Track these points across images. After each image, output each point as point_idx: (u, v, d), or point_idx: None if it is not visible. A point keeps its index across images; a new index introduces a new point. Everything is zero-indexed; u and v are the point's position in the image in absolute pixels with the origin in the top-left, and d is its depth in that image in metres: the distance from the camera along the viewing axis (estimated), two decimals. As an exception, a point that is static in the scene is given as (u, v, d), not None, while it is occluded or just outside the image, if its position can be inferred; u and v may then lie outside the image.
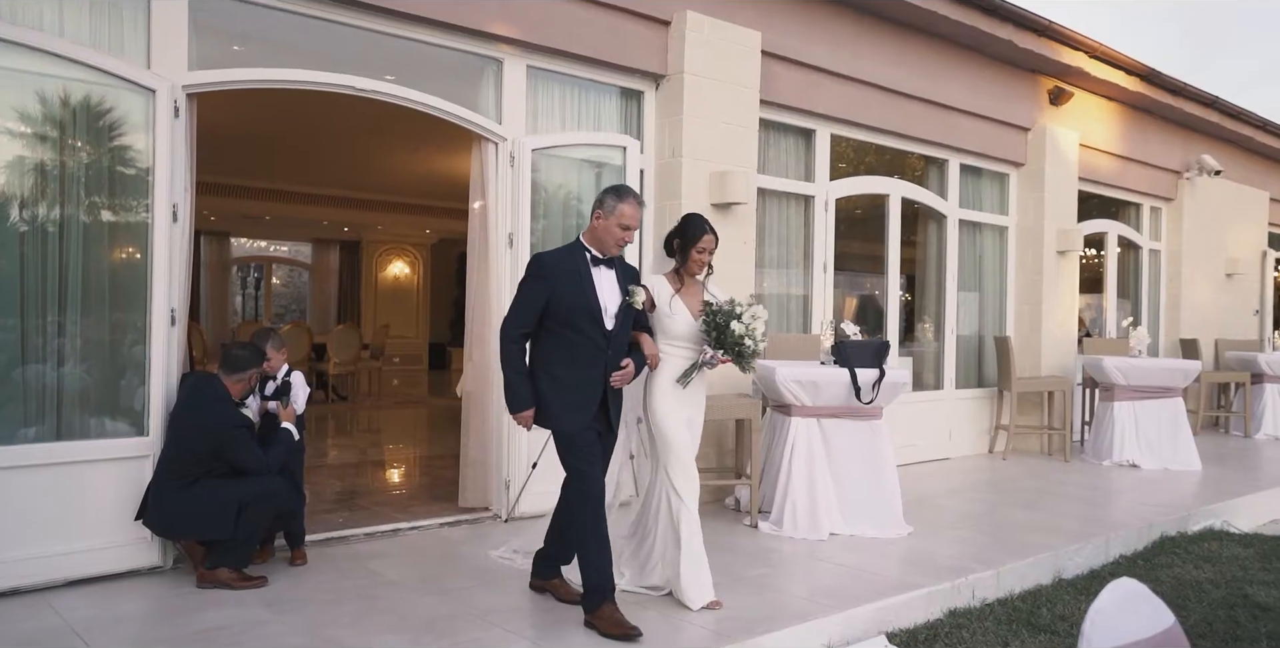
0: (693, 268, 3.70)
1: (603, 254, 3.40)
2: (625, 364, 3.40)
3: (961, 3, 6.80)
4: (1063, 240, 8.21)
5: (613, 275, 3.41)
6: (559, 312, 3.28)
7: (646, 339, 3.58)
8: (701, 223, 3.69)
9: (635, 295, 3.40)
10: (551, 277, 3.30)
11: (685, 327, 3.63)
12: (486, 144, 4.96)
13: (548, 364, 3.34)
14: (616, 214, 3.35)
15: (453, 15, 4.69)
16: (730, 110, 5.66)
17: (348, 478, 6.29)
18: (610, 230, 3.36)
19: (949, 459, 7.56)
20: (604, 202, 3.38)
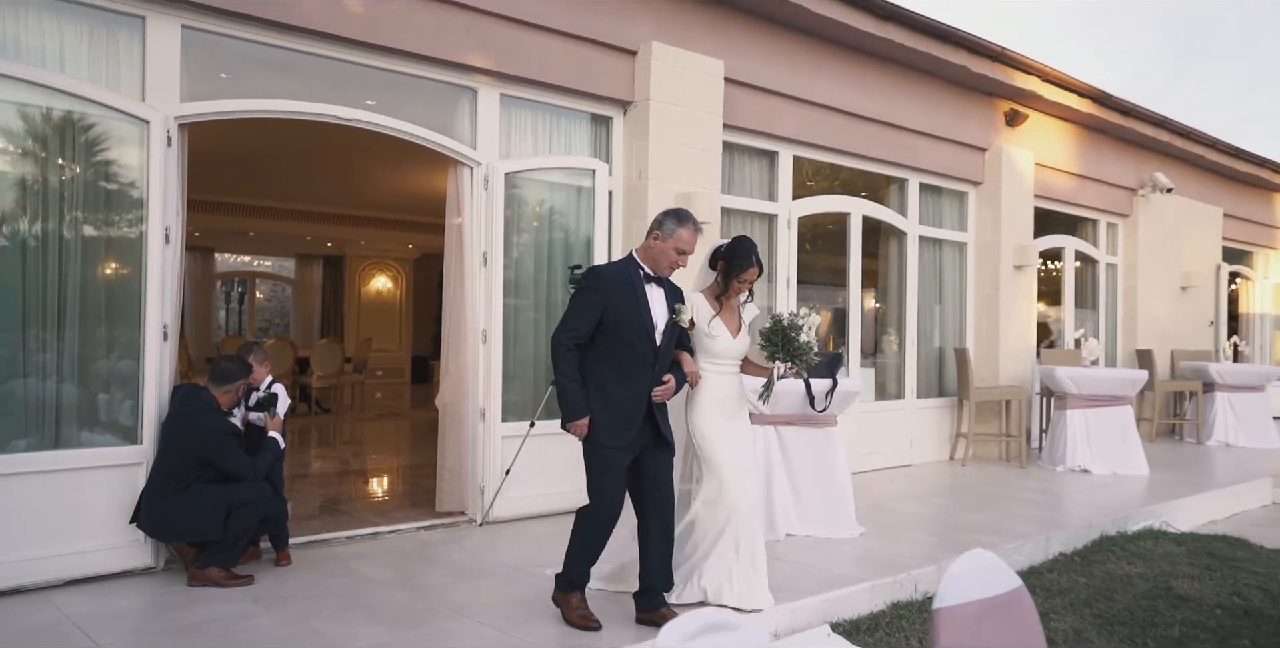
0: (732, 294, 3.73)
1: (655, 273, 3.47)
2: (667, 379, 3.44)
3: (917, 31, 7.18)
4: (1019, 256, 8.58)
5: (661, 294, 3.48)
6: (613, 325, 3.34)
7: (687, 357, 3.62)
8: (748, 253, 3.67)
9: (682, 314, 3.47)
10: (608, 289, 3.36)
11: (725, 345, 3.69)
12: (462, 168, 5.26)
13: (596, 378, 3.37)
14: (675, 238, 3.41)
15: (430, 48, 5.00)
16: (694, 134, 5.99)
17: (330, 486, 6.54)
18: (666, 253, 3.43)
19: (910, 466, 7.88)
20: (664, 224, 3.44)
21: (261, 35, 4.54)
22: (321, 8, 4.61)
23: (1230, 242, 12.58)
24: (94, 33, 4.09)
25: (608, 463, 3.39)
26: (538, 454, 5.30)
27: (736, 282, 3.68)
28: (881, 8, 6.78)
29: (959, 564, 1.80)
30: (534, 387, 5.50)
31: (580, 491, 5.67)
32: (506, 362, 5.34)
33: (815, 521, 5.16)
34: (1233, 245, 12.76)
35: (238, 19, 4.42)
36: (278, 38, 4.60)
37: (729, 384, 3.73)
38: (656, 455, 3.50)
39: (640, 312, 3.35)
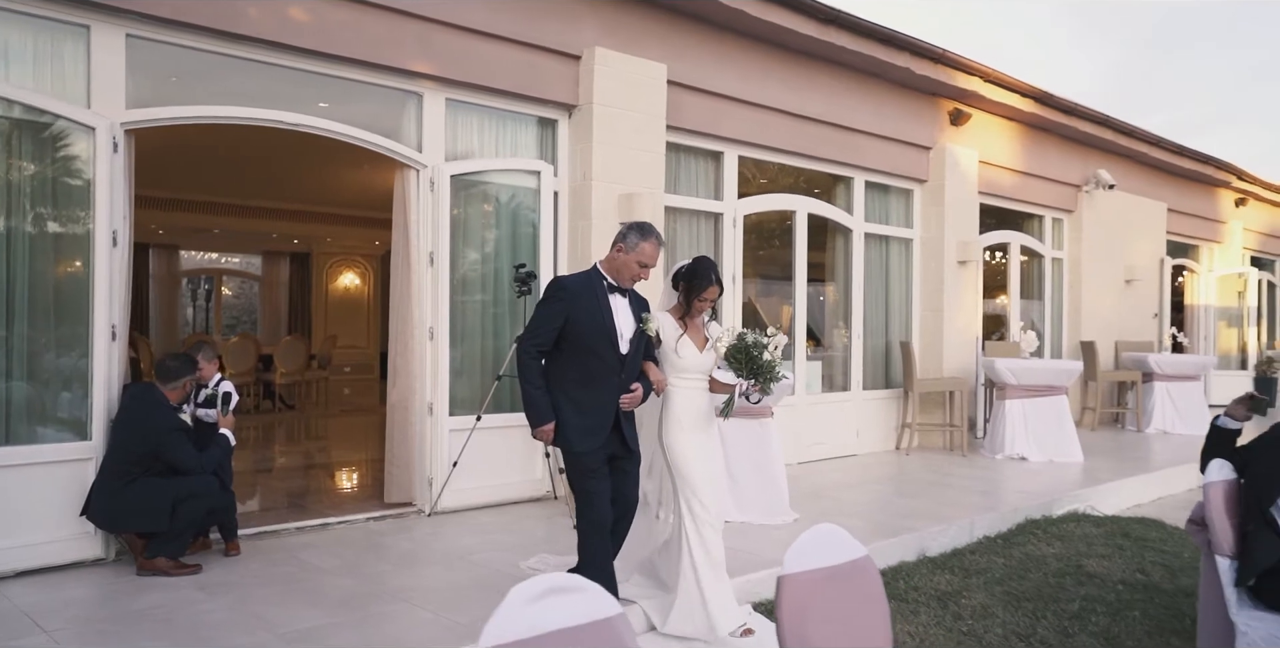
0: (695, 313, 3.80)
1: (617, 283, 3.55)
2: (635, 388, 3.53)
3: (860, 34, 7.40)
4: (963, 251, 8.86)
5: (626, 303, 3.56)
6: (577, 334, 3.40)
7: (652, 367, 3.71)
8: (707, 273, 3.73)
9: (649, 323, 3.55)
10: (572, 299, 3.42)
11: (693, 360, 3.75)
12: (408, 171, 5.42)
13: (563, 385, 3.44)
14: (637, 251, 3.48)
15: (375, 55, 5.16)
16: (638, 137, 6.18)
17: (285, 480, 6.71)
18: (629, 265, 3.50)
19: (856, 456, 8.14)
20: (627, 237, 3.50)
21: (208, 43, 4.68)
22: (268, 17, 4.75)
23: (1176, 236, 12.97)
24: (39, 41, 4.21)
25: (584, 465, 3.46)
26: (484, 447, 5.50)
27: (698, 301, 3.73)
28: (823, 12, 6.99)
29: (805, 536, 2.01)
30: (481, 382, 5.68)
31: (527, 481, 5.91)
32: (454, 358, 5.52)
33: (751, 508, 5.39)
34: (1178, 239, 13.14)
35: (183, 28, 4.55)
36: (224, 46, 4.73)
37: (699, 399, 3.80)
38: (622, 466, 3.59)
39: (604, 320, 3.42)
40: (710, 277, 3.73)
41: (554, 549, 4.64)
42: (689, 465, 3.72)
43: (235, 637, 3.36)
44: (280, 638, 3.37)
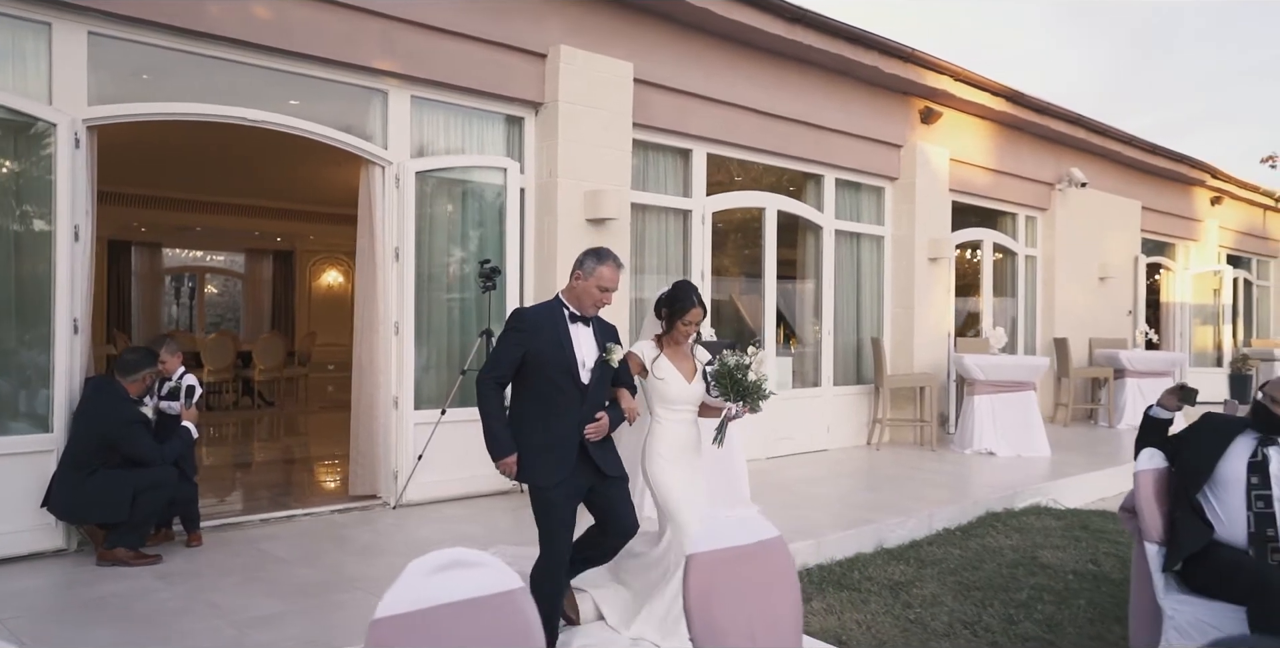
0: (678, 337, 3.72)
1: (580, 312, 3.46)
2: (600, 417, 3.41)
3: (827, 33, 7.49)
4: (934, 248, 8.95)
5: (590, 333, 3.47)
6: (536, 365, 3.34)
7: (625, 394, 3.59)
8: (689, 295, 3.68)
9: (613, 353, 3.45)
10: (531, 330, 3.36)
11: (679, 391, 3.69)
12: (373, 167, 5.48)
13: (525, 417, 3.39)
14: (596, 276, 3.40)
15: (338, 53, 5.21)
16: (604, 134, 6.25)
17: (255, 474, 6.78)
18: (589, 291, 3.42)
19: (826, 451, 8.23)
20: (584, 263, 3.43)
21: (170, 41, 4.73)
22: (229, 15, 4.80)
23: (1152, 234, 13.10)
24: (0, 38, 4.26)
25: (549, 503, 3.34)
26: (450, 441, 5.55)
27: (681, 324, 3.67)
28: (789, 11, 7.07)
29: (710, 519, 2.09)
30: (446, 376, 5.74)
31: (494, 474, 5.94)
32: (419, 353, 5.58)
33: (711, 501, 5.45)
34: (1154, 238, 13.27)
35: (145, 26, 4.60)
36: (187, 43, 4.78)
37: (685, 432, 3.74)
38: (607, 490, 3.49)
39: (563, 351, 3.35)
40: (692, 299, 3.67)
41: (515, 541, 4.70)
42: (677, 504, 3.68)
43: (188, 623, 3.42)
44: (233, 625, 3.43)
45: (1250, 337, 15.36)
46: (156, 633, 3.32)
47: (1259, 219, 15.52)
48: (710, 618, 1.98)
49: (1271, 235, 15.94)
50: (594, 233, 6.17)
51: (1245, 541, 3.19)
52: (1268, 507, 3.17)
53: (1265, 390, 3.31)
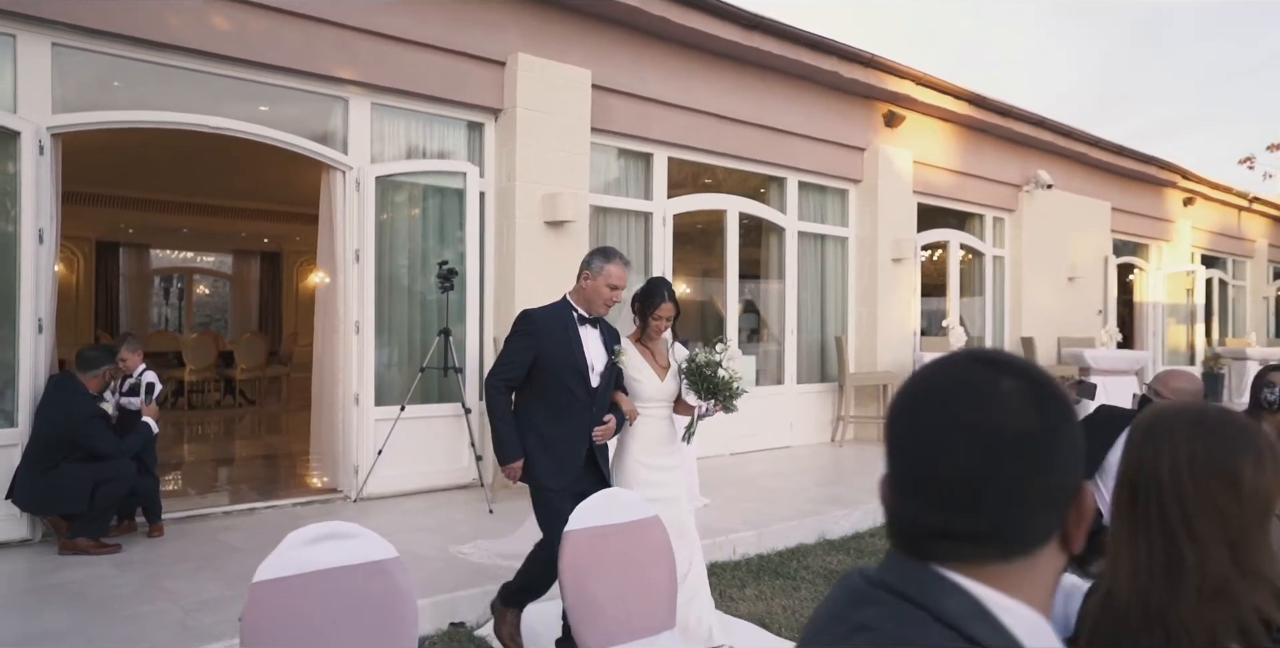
0: (652, 333, 3.66)
1: (589, 314, 3.43)
2: (607, 419, 3.41)
3: (785, 39, 7.68)
4: (897, 249, 9.15)
5: (597, 335, 3.45)
6: (546, 368, 3.32)
7: (623, 397, 3.58)
8: (660, 290, 3.62)
9: (620, 354, 3.44)
10: (540, 333, 3.34)
11: (653, 388, 3.64)
12: (334, 172, 5.68)
13: (533, 419, 3.35)
14: (604, 274, 3.38)
15: (298, 62, 5.40)
16: (561, 139, 6.44)
17: (224, 468, 6.99)
18: (599, 291, 3.39)
19: (790, 447, 8.42)
20: (591, 263, 3.41)
21: (133, 52, 4.92)
22: (189, 26, 5.00)
23: (1124, 234, 13.29)
24: (-33, 51, 4.45)
25: (549, 503, 3.29)
26: (410, 436, 5.75)
27: (653, 319, 3.61)
28: (747, 18, 7.27)
29: (590, 501, 2.28)
30: (406, 374, 5.93)
31: (454, 468, 6.16)
32: (380, 351, 5.77)
33: (662, 493, 5.65)
34: (1126, 238, 13.47)
35: (108, 37, 4.80)
36: (150, 54, 4.98)
37: (657, 429, 3.68)
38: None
39: (574, 353, 3.34)
40: (663, 294, 3.62)
41: (487, 535, 4.82)
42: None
43: (138, 607, 3.61)
44: (180, 607, 3.62)
45: (1225, 336, 15.56)
46: (106, 616, 3.51)
47: (1234, 219, 15.72)
48: (585, 591, 2.17)
49: (1247, 236, 16.14)
50: (552, 235, 6.37)
51: (1129, 525, 3.38)
52: (1149, 493, 3.36)
53: (1151, 384, 3.50)
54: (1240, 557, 1.31)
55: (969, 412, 0.83)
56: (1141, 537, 1.33)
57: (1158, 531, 1.32)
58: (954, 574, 0.82)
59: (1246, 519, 1.31)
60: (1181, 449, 1.33)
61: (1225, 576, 1.30)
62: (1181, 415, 1.37)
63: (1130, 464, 1.37)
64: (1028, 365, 0.86)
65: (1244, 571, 1.32)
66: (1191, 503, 1.32)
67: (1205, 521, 1.31)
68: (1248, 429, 1.37)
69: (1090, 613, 1.37)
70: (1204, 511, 1.31)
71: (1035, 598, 0.83)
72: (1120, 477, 1.38)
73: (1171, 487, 1.33)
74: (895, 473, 0.88)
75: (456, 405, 5.88)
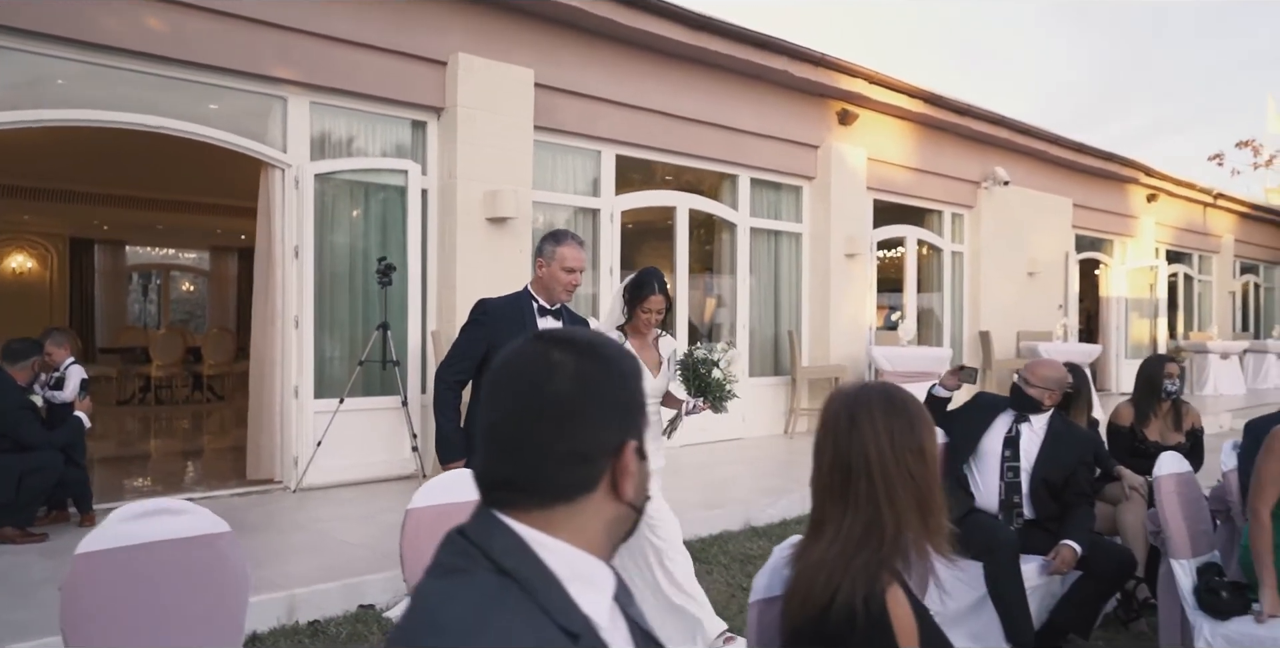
0: (640, 326, 3.51)
1: (551, 303, 3.33)
2: None
3: (733, 39, 7.80)
4: (850, 245, 9.29)
5: (559, 326, 3.31)
6: None
7: None
8: (650, 281, 3.47)
9: None
10: (493, 323, 3.20)
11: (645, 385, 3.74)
12: (273, 170, 5.80)
13: None
14: (558, 259, 3.27)
15: (235, 62, 5.52)
16: (504, 137, 6.57)
17: (170, 461, 7.15)
18: (556, 276, 3.29)
19: (741, 439, 8.56)
20: (543, 249, 3.31)
21: (69, 52, 5.03)
22: (125, 28, 5.11)
23: (1087, 230, 13.45)
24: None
25: None
26: (349, 428, 5.88)
27: (641, 312, 3.47)
28: (693, 18, 7.39)
29: (432, 481, 2.42)
30: (345, 367, 6.06)
31: (394, 460, 6.28)
32: (319, 345, 5.90)
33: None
34: (1090, 234, 13.63)
35: (42, 38, 4.90)
36: (85, 54, 5.09)
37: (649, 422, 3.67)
38: None
39: None
40: (653, 285, 3.46)
41: None
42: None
43: (50, 590, 3.73)
44: (94, 591, 3.75)
45: (1190, 330, 15.73)
46: (19, 601, 3.64)
47: (1199, 216, 15.89)
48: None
49: (1212, 231, 16.31)
50: (494, 231, 6.50)
51: (997, 507, 3.54)
52: (1016, 477, 3.52)
53: (1020, 373, 3.65)
54: (925, 515, 1.47)
55: (516, 377, 0.98)
56: (850, 512, 1.48)
57: (865, 503, 1.48)
58: (507, 518, 0.96)
59: (929, 480, 1.47)
60: (882, 431, 1.48)
61: (916, 530, 1.46)
62: (875, 401, 1.52)
63: (840, 451, 1.51)
64: (582, 341, 1.01)
65: (929, 527, 1.47)
66: (893, 476, 1.47)
67: (903, 489, 1.46)
68: (920, 405, 1.52)
69: (794, 578, 1.52)
70: (902, 480, 1.47)
71: (583, 540, 0.98)
72: (831, 462, 1.52)
73: (878, 464, 1.48)
74: (476, 431, 1.03)
75: (396, 398, 6.02)
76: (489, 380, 1.01)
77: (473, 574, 0.93)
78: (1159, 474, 3.12)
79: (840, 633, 1.38)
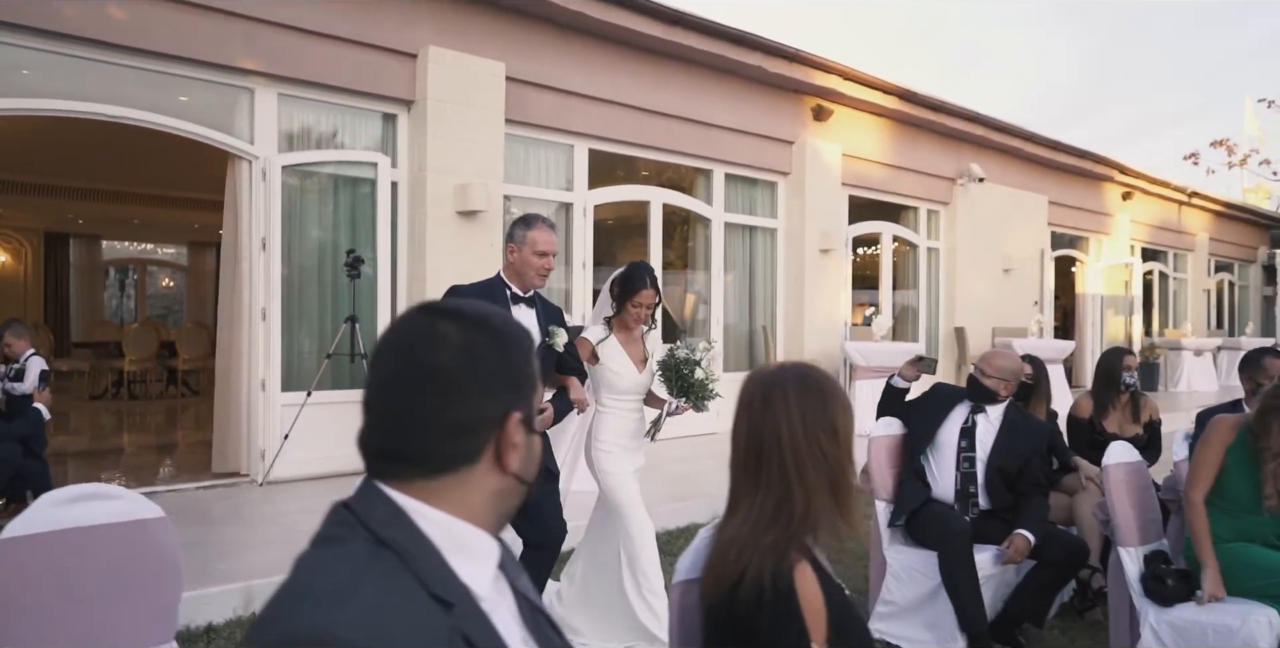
0: (629, 321, 3.44)
1: (524, 290, 3.24)
2: (544, 407, 3.10)
3: (707, 34, 7.81)
4: (825, 240, 9.32)
5: (533, 315, 3.24)
6: None
7: (575, 383, 3.32)
8: (641, 275, 3.40)
9: (556, 337, 3.21)
10: None
11: (630, 381, 3.44)
12: (240, 161, 5.76)
13: None
14: (529, 243, 3.19)
15: (201, 53, 5.48)
16: (474, 130, 6.55)
17: (139, 454, 7.09)
18: (527, 261, 3.20)
19: (715, 434, 8.56)
20: (513, 234, 3.24)
21: (30, 41, 4.98)
22: (87, 17, 5.06)
23: (1062, 227, 13.55)
24: None
25: None
26: (317, 421, 5.85)
27: (631, 306, 3.40)
28: (667, 13, 7.38)
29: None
30: (313, 360, 6.03)
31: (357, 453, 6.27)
32: (286, 337, 5.87)
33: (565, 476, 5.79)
34: (1065, 231, 13.73)
35: (2, 27, 4.85)
36: (47, 44, 5.03)
37: (632, 421, 3.51)
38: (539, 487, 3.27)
39: None
40: (645, 279, 3.40)
41: None
42: (628, 496, 3.42)
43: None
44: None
45: (1165, 327, 15.88)
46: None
47: (1174, 214, 16.03)
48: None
49: (1187, 230, 16.46)
50: (465, 224, 6.48)
51: (953, 497, 3.56)
52: (971, 467, 3.54)
53: (976, 364, 3.68)
54: (838, 494, 1.47)
55: (400, 347, 0.98)
56: (762, 491, 1.49)
57: (777, 482, 1.48)
58: (387, 488, 0.97)
59: (842, 459, 1.48)
60: (794, 409, 1.49)
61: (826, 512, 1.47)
62: (788, 380, 1.53)
63: (754, 430, 1.52)
64: (469, 312, 1.01)
65: (842, 507, 1.48)
66: (804, 454, 1.48)
67: (814, 468, 1.47)
68: (835, 385, 1.53)
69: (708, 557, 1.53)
70: (813, 459, 1.47)
71: (466, 511, 0.98)
72: (746, 442, 1.53)
73: (790, 443, 1.48)
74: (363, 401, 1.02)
75: (365, 392, 5.98)
76: (374, 350, 1.01)
77: (348, 543, 0.93)
78: (1108, 463, 3.15)
79: (749, 611, 1.39)
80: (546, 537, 3.22)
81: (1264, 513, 2.83)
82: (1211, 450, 2.85)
